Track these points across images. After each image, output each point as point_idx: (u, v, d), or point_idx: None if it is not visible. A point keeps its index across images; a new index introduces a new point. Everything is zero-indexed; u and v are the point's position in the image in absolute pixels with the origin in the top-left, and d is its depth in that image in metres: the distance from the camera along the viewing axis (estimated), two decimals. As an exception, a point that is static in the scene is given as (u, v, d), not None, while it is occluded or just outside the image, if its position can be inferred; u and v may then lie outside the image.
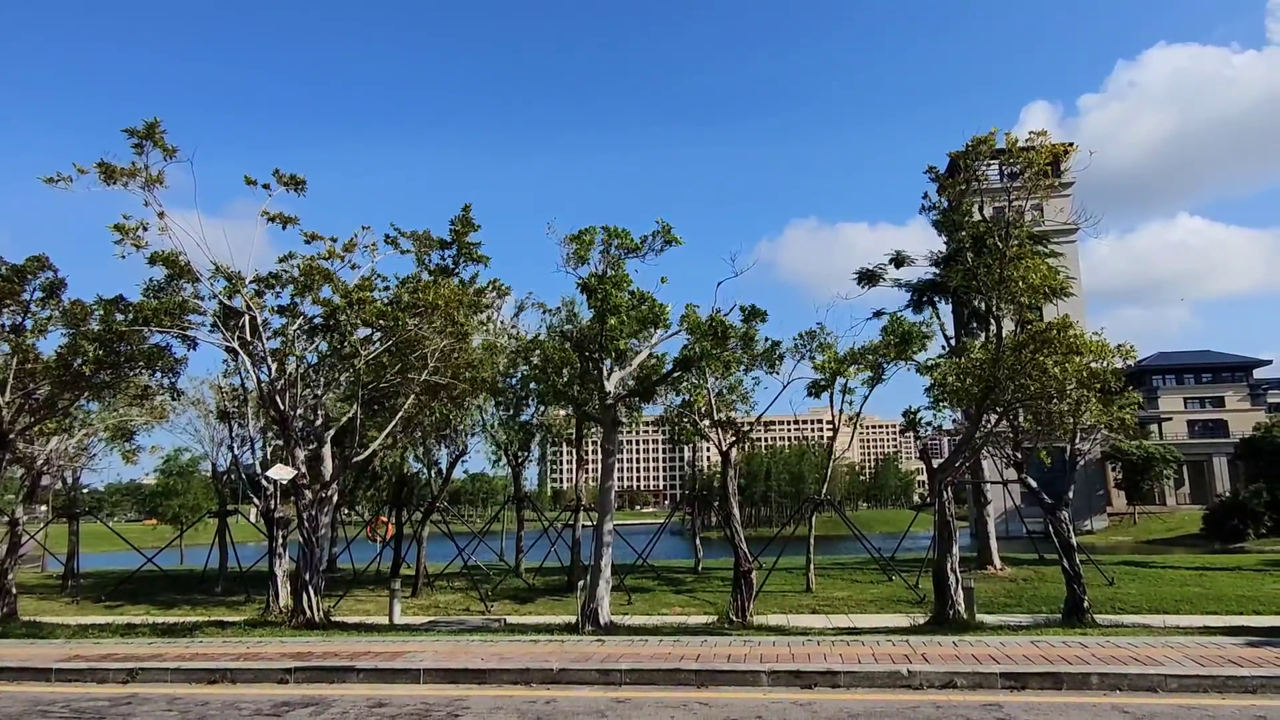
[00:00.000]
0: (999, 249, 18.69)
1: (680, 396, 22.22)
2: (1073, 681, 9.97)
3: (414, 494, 32.75)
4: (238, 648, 13.83)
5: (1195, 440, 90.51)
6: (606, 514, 17.59)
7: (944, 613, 16.29)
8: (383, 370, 19.69)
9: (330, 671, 11.56)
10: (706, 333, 16.24)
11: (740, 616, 17.76)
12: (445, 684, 11.10)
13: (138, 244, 17.19)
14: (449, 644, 13.67)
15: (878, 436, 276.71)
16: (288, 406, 18.57)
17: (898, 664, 10.74)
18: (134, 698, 10.81)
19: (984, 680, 10.15)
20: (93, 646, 14.42)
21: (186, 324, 18.81)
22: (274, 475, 18.24)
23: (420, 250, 23.13)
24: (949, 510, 17.33)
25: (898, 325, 24.28)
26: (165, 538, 39.94)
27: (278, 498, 22.92)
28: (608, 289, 15.99)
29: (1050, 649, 11.65)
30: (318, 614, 17.53)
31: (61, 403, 20.65)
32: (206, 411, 29.71)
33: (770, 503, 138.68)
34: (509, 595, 24.69)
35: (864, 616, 19.78)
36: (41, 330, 19.99)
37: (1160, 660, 10.60)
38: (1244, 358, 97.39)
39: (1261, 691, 9.52)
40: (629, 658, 11.75)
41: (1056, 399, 16.68)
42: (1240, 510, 62.65)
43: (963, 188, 21.64)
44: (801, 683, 10.49)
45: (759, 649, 12.36)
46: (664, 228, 16.96)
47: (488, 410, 30.48)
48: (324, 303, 19.03)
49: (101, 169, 16.50)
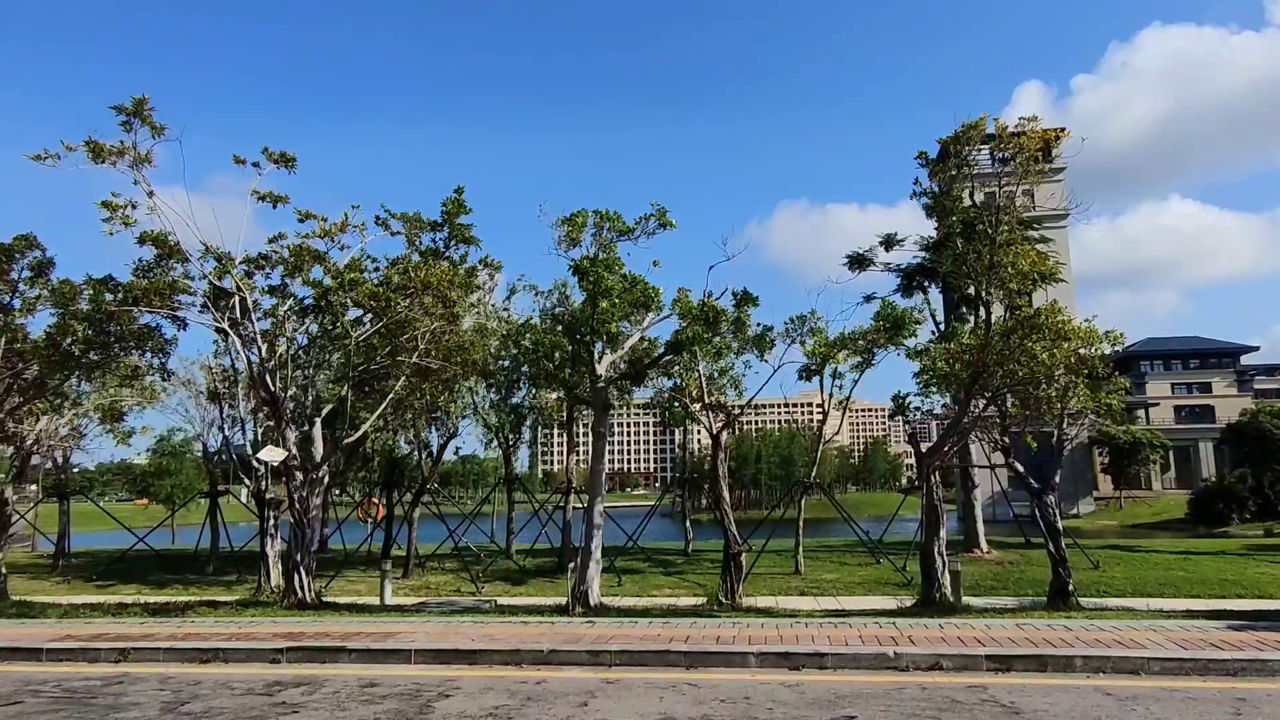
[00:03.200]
0: (989, 235, 18.74)
1: (671, 380, 22.27)
2: (1057, 664, 10.11)
3: (405, 476, 32.82)
4: (230, 628, 13.88)
5: (1182, 426, 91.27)
6: (597, 497, 17.65)
7: (931, 595, 16.45)
8: (373, 352, 19.66)
9: (322, 652, 11.63)
10: (698, 317, 16.26)
11: (730, 598, 17.89)
12: (436, 664, 11.18)
13: (126, 222, 17.05)
14: (440, 625, 13.75)
15: (867, 420, 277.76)
16: (278, 387, 18.54)
17: (884, 646, 10.86)
18: (126, 677, 10.86)
19: (970, 662, 10.29)
20: (84, 626, 14.45)
21: (176, 304, 18.72)
22: (265, 457, 18.24)
23: (411, 231, 23.03)
24: (937, 494, 17.46)
25: (889, 311, 24.34)
26: (156, 517, 39.92)
27: (269, 479, 22.92)
28: (600, 272, 15.96)
29: (1035, 632, 11.79)
30: (309, 594, 17.59)
31: (51, 383, 20.58)
32: (197, 392, 29.62)
33: (760, 485, 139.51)
34: (500, 576, 24.78)
35: (852, 599, 19.94)
36: (30, 310, 19.90)
37: (1143, 643, 10.76)
38: (1231, 344, 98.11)
39: (1242, 674, 9.67)
40: (619, 639, 11.85)
41: (1045, 384, 16.79)
42: (1225, 495, 63.33)
43: (953, 174, 21.66)
44: (789, 664, 10.60)
45: (747, 631, 12.48)
46: (659, 211, 16.91)
47: (479, 393, 30.48)
48: (314, 284, 18.96)
49: (89, 147, 16.33)
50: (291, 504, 18.15)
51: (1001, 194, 19.02)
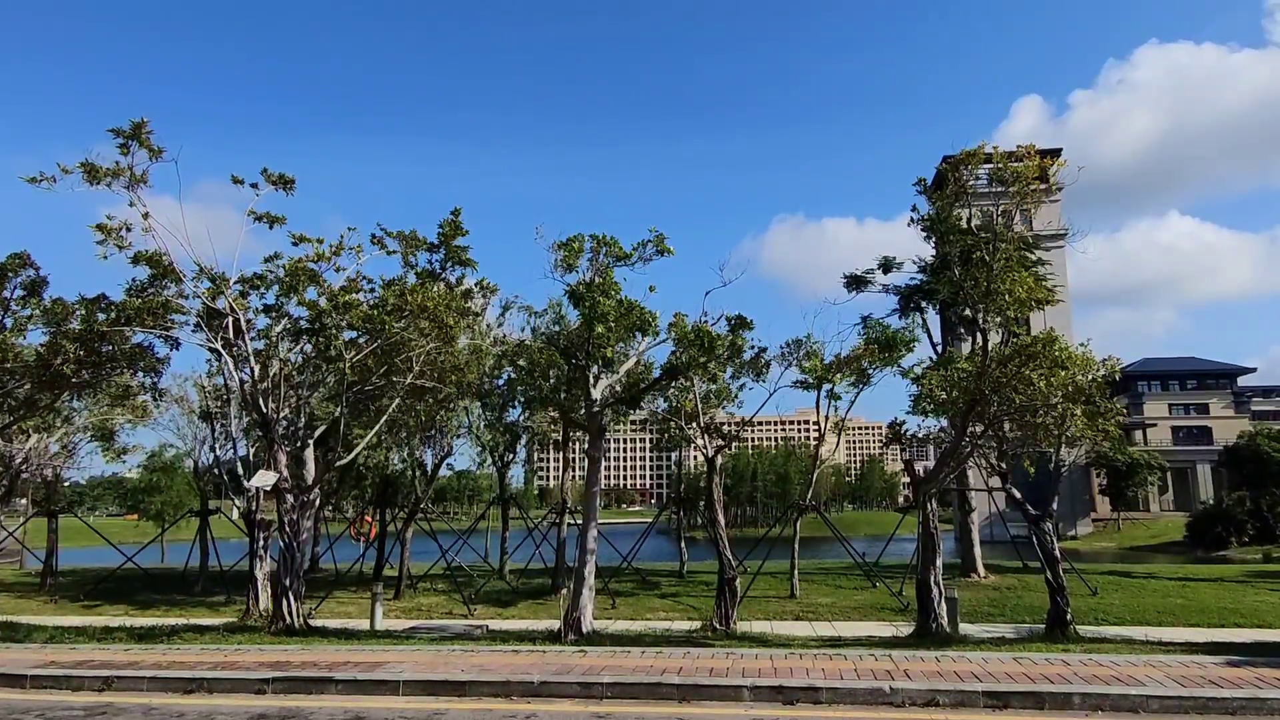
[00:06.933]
0: (986, 262, 18.71)
1: (666, 403, 22.17)
2: (1055, 701, 9.97)
3: (398, 494, 32.60)
4: (215, 655, 13.67)
5: (1179, 447, 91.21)
6: (591, 520, 17.50)
7: (927, 625, 16.29)
8: (368, 373, 19.53)
9: (308, 682, 11.45)
10: (693, 342, 16.17)
11: (724, 624, 17.73)
12: (425, 696, 11.01)
13: (120, 245, 16.97)
14: (429, 654, 13.56)
15: (863, 438, 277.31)
16: (270, 409, 18.40)
17: (880, 680, 10.71)
18: (109, 707, 10.68)
19: (966, 699, 10.14)
20: (69, 652, 14.23)
21: (170, 324, 18.61)
22: (256, 483, 18.08)
23: (406, 250, 22.95)
24: (933, 521, 17.34)
25: (880, 331, 24.35)
26: (146, 534, 39.61)
27: (259, 499, 22.74)
28: (596, 297, 15.89)
29: (1033, 666, 11.64)
30: (297, 620, 17.37)
31: (42, 402, 20.42)
32: (190, 410, 29.45)
33: (756, 503, 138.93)
34: (493, 598, 24.57)
35: (847, 624, 19.78)
36: (21, 329, 19.75)
37: (1142, 680, 10.61)
38: (1229, 365, 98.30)
39: (1242, 713, 9.54)
40: (611, 670, 11.69)
41: (1042, 412, 16.70)
42: (1223, 518, 63.24)
43: (951, 200, 21.66)
44: (784, 698, 10.45)
45: (741, 662, 12.31)
46: (657, 237, 16.89)
47: (473, 412, 30.34)
48: (309, 305, 18.85)
49: (85, 169, 16.28)
50: (281, 527, 17.97)
51: (998, 221, 19.00)
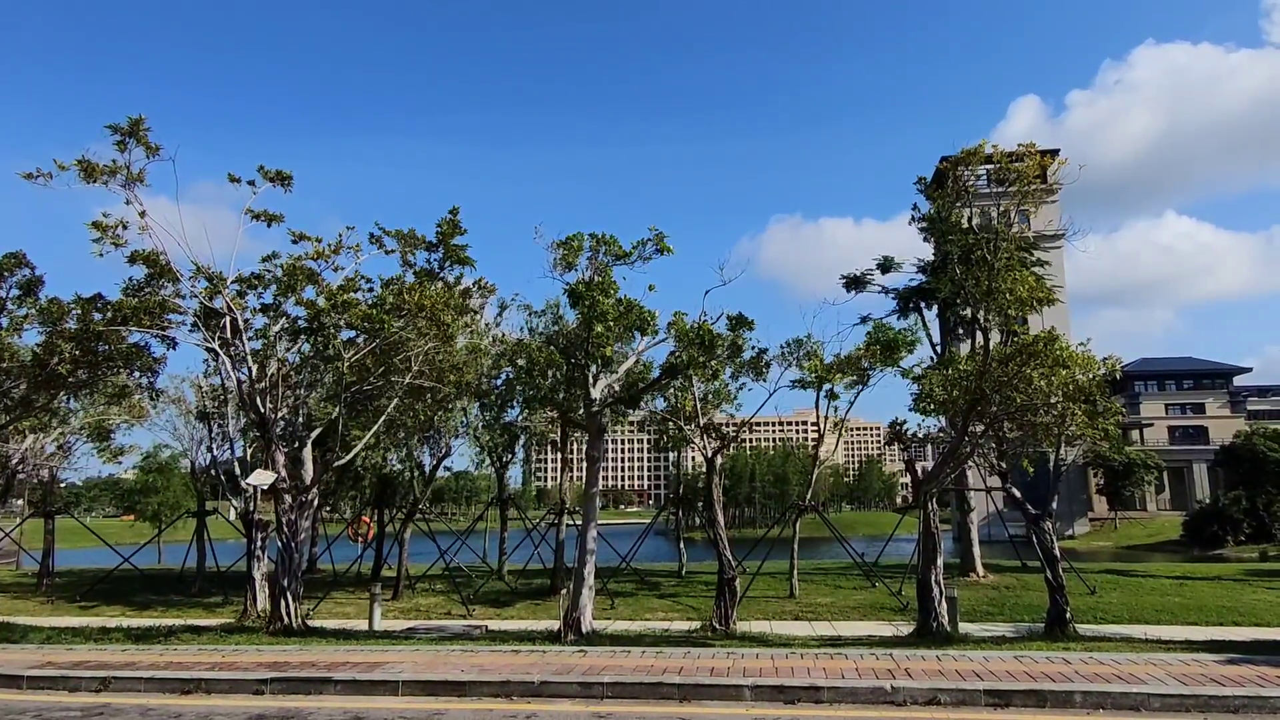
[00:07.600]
0: (987, 261, 18.69)
1: (665, 404, 22.11)
2: (1056, 699, 9.94)
3: (396, 495, 32.51)
4: (213, 656, 13.61)
5: (1176, 446, 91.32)
6: (590, 521, 17.45)
7: (927, 625, 16.25)
8: (366, 372, 19.47)
9: (307, 683, 11.39)
10: (693, 341, 16.12)
11: (723, 625, 17.67)
12: (424, 696, 10.96)
13: (116, 243, 16.90)
14: (428, 654, 13.50)
15: (862, 438, 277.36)
16: (268, 409, 18.33)
17: (882, 680, 10.67)
18: (106, 708, 10.61)
19: (968, 697, 10.11)
20: (66, 652, 14.16)
21: (166, 323, 18.54)
22: (253, 482, 18.01)
23: (405, 249, 22.91)
24: (933, 522, 17.30)
25: (882, 332, 24.27)
26: (143, 534, 39.51)
27: (257, 499, 22.67)
28: (595, 296, 15.83)
29: (1034, 665, 11.61)
30: (295, 620, 17.30)
31: (38, 402, 20.33)
32: (186, 410, 29.35)
33: (755, 504, 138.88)
34: (491, 599, 24.49)
35: (847, 624, 19.73)
36: (17, 328, 19.68)
37: (1143, 678, 10.58)
38: (1225, 365, 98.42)
39: (1243, 711, 9.51)
40: (611, 670, 11.64)
41: (1042, 411, 16.68)
42: (1220, 517, 63.32)
43: (951, 199, 21.64)
44: (785, 698, 10.41)
45: (741, 662, 12.27)
46: (656, 236, 16.84)
47: (471, 412, 30.24)
48: (308, 304, 18.79)
49: (82, 166, 16.20)
50: (279, 527, 17.90)
51: (999, 218, 18.98)
